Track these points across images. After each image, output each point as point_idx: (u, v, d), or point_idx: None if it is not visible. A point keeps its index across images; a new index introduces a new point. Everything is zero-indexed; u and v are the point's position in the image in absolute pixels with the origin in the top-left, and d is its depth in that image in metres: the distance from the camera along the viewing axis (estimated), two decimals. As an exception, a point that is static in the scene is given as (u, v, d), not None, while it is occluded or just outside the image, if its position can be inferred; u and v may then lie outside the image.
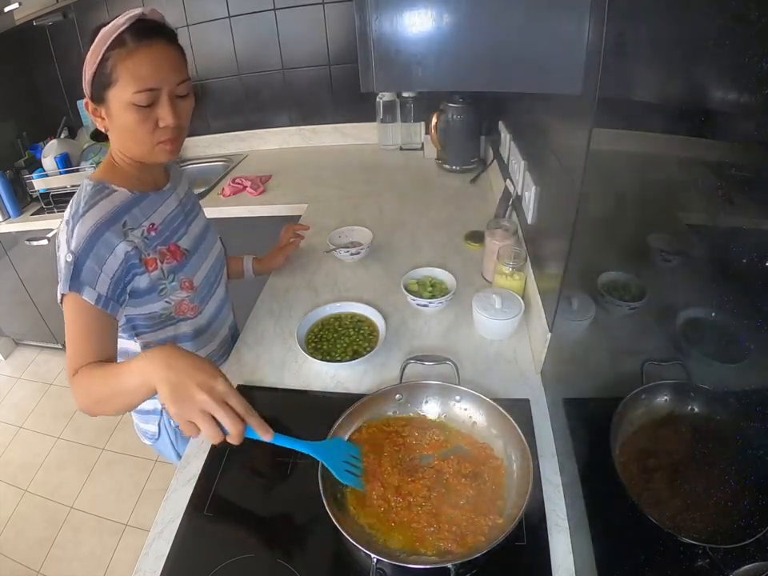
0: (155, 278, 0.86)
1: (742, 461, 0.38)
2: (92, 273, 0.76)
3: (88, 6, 2.12)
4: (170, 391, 0.60)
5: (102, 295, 0.77)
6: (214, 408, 0.59)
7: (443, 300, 1.07)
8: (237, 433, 0.60)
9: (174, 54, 0.76)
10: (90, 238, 0.75)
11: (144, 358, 0.65)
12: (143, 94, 0.73)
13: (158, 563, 0.68)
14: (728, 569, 0.37)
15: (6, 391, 2.51)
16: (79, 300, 0.75)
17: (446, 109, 1.78)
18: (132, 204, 0.84)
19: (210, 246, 1.04)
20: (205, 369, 0.62)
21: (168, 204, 0.93)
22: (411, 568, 0.62)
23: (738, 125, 0.36)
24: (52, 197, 2.02)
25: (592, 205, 0.69)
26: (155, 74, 0.73)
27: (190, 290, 0.92)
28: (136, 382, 0.65)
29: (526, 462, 0.68)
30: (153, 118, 0.76)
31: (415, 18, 0.69)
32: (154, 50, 0.73)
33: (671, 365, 0.47)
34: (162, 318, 0.91)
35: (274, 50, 2.12)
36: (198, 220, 1.02)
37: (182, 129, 0.81)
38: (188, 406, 0.59)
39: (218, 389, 0.60)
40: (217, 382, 0.61)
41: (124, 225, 0.81)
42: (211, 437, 0.60)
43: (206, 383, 0.60)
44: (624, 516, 0.50)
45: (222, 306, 1.08)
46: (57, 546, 1.76)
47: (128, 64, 0.72)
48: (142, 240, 0.84)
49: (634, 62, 0.57)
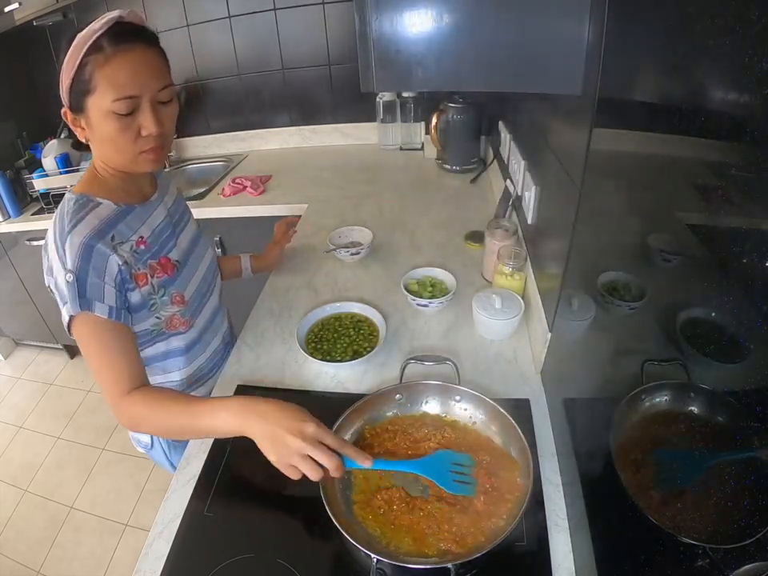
0: (146, 293, 0.82)
1: (742, 461, 0.38)
2: (97, 287, 0.74)
3: (88, 6, 2.12)
4: (266, 444, 0.65)
5: (112, 307, 0.75)
6: (309, 450, 0.63)
7: (443, 300, 1.07)
8: (334, 467, 0.63)
9: (154, 59, 0.73)
10: (84, 253, 0.73)
11: (234, 407, 0.68)
12: (123, 102, 0.70)
13: (158, 563, 0.68)
14: (728, 569, 0.37)
15: (6, 391, 2.51)
16: (92, 318, 0.73)
17: (446, 109, 1.78)
18: (118, 218, 0.80)
19: (201, 256, 1.00)
20: (294, 415, 0.66)
21: (156, 216, 0.89)
22: (411, 568, 0.62)
23: (738, 125, 0.36)
24: (52, 197, 2.02)
25: (592, 205, 0.69)
26: (134, 80, 0.70)
27: (181, 305, 0.89)
28: (223, 428, 0.69)
29: (525, 462, 0.68)
30: (134, 127, 0.73)
31: (415, 18, 0.69)
32: (132, 56, 0.70)
33: (671, 365, 0.47)
34: (153, 335, 0.87)
35: (274, 50, 2.12)
36: (187, 230, 0.98)
37: (165, 136, 0.77)
38: (285, 452, 0.64)
39: (308, 431, 0.64)
40: (306, 425, 0.64)
41: (112, 239, 0.78)
42: (313, 476, 0.63)
43: (297, 429, 0.64)
44: (624, 516, 0.50)
45: (214, 316, 1.03)
46: (57, 545, 1.76)
47: (106, 71, 0.68)
48: (131, 254, 0.80)
49: (633, 62, 0.57)
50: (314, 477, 0.63)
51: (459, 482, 0.68)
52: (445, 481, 0.68)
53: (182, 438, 0.75)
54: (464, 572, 0.62)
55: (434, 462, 0.71)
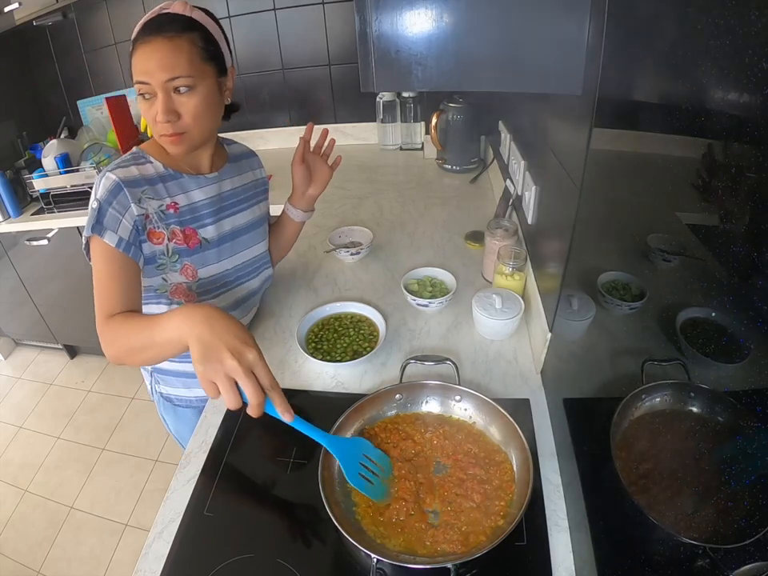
0: (158, 251, 0.87)
1: (742, 461, 0.38)
2: (114, 218, 0.79)
3: (88, 5, 2.12)
4: (200, 350, 0.60)
5: (123, 239, 0.80)
6: (240, 375, 0.59)
7: (443, 300, 1.07)
8: (256, 403, 0.60)
9: (169, 51, 0.77)
10: (113, 189, 0.80)
11: (182, 313, 0.65)
12: (138, 85, 0.79)
13: (158, 563, 0.67)
14: (728, 569, 0.37)
15: (6, 391, 2.51)
16: (101, 243, 0.79)
17: (446, 109, 1.78)
18: (160, 179, 0.87)
19: (242, 247, 1.01)
20: (239, 335, 0.62)
21: (204, 191, 0.93)
22: (411, 568, 0.62)
23: (738, 125, 0.36)
24: (52, 197, 2.02)
25: (592, 205, 0.69)
26: (143, 69, 0.78)
27: (190, 278, 0.92)
28: (171, 335, 0.65)
29: (525, 461, 0.68)
30: (153, 111, 0.80)
31: (415, 18, 0.69)
32: (149, 46, 0.77)
33: (671, 365, 0.47)
34: (157, 294, 0.91)
35: (274, 50, 2.12)
36: (236, 217, 1.00)
37: (185, 126, 0.82)
38: (214, 367, 0.60)
39: (247, 357, 0.60)
40: (248, 350, 0.61)
41: (143, 192, 0.84)
42: (229, 401, 0.60)
43: (237, 349, 0.60)
44: (624, 516, 0.50)
45: (234, 307, 1.03)
46: (57, 546, 1.76)
47: (133, 57, 0.79)
48: (156, 212, 0.85)
49: (633, 62, 0.57)
50: (231, 405, 0.60)
51: (362, 477, 0.67)
52: (350, 469, 0.67)
53: (151, 358, 0.72)
54: (464, 572, 0.62)
55: (349, 445, 0.70)
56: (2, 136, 2.22)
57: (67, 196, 2.03)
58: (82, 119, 2.37)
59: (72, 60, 2.29)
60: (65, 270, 2.20)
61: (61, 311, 2.40)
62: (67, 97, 2.37)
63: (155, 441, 2.10)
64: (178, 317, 0.65)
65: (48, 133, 2.33)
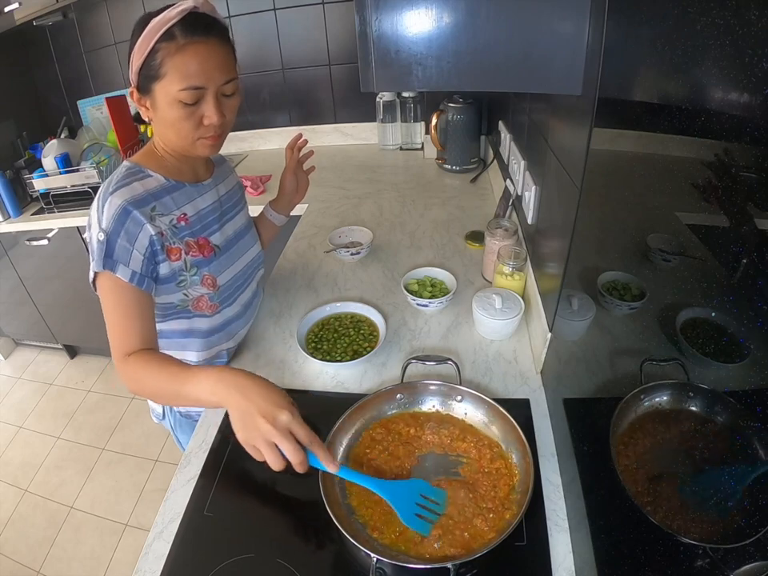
0: (177, 268, 0.85)
1: (742, 461, 0.38)
2: (125, 250, 0.76)
3: (88, 5, 2.12)
4: (238, 417, 0.64)
5: (136, 272, 0.77)
6: (276, 437, 0.62)
7: (443, 300, 1.07)
8: (297, 462, 0.63)
9: (222, 53, 0.75)
10: (120, 216, 0.76)
11: (216, 377, 0.67)
12: (189, 92, 0.73)
13: (158, 563, 0.67)
14: (728, 569, 0.37)
15: (6, 391, 2.51)
16: (113, 278, 0.76)
17: (446, 109, 1.78)
18: (165, 191, 0.84)
19: (245, 249, 1.02)
20: (272, 399, 0.65)
21: (205, 198, 0.92)
22: (411, 568, 0.62)
23: (738, 125, 0.36)
24: (52, 197, 2.02)
25: (592, 205, 0.69)
26: (202, 72, 0.72)
27: (211, 288, 0.91)
28: (203, 397, 0.68)
29: (525, 462, 0.68)
30: (197, 116, 0.76)
31: (415, 18, 0.69)
32: (203, 48, 0.72)
33: (671, 365, 0.47)
34: (177, 310, 0.90)
35: (274, 50, 2.12)
36: (235, 220, 1.00)
37: (225, 126, 0.81)
38: (253, 434, 0.63)
39: (281, 419, 0.63)
40: (281, 412, 0.63)
41: (153, 209, 0.80)
42: (272, 463, 0.63)
43: (270, 413, 0.63)
44: (624, 516, 0.50)
45: (244, 310, 1.05)
46: (57, 546, 1.76)
47: (176, 60, 0.71)
48: (169, 228, 0.83)
49: (633, 62, 0.57)
50: (275, 467, 0.63)
51: (420, 517, 0.65)
52: (406, 511, 0.65)
53: (175, 405, 0.75)
54: (464, 572, 0.62)
55: (404, 488, 0.68)
56: (2, 136, 2.22)
57: (67, 196, 2.03)
58: (81, 119, 2.37)
59: (72, 60, 2.30)
60: (65, 270, 2.20)
61: (61, 311, 2.40)
62: (67, 97, 2.37)
63: (155, 441, 2.10)
64: (210, 379, 0.67)
65: (48, 133, 2.33)
